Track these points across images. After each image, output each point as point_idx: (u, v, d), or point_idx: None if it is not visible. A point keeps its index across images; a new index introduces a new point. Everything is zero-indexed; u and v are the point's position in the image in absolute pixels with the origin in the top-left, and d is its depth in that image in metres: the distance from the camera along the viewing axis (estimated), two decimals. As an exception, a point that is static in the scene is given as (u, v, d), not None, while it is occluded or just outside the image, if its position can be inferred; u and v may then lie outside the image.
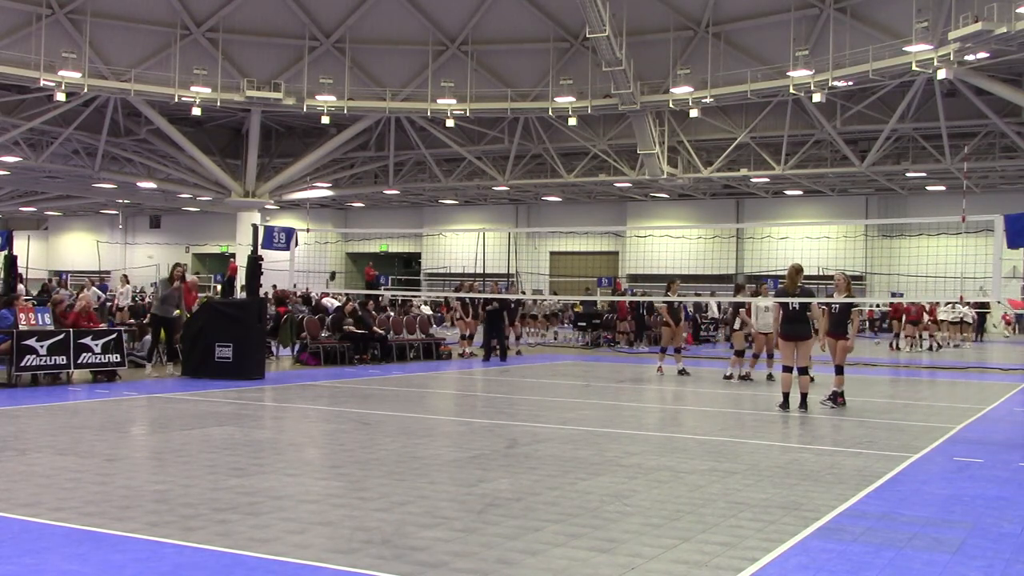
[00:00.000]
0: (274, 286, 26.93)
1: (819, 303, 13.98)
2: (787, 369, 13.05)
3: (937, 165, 41.92)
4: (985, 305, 38.26)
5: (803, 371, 12.73)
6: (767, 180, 47.05)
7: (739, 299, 18.35)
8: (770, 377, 17.40)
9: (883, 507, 6.99)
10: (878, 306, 42.01)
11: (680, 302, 18.65)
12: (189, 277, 17.96)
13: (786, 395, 12.88)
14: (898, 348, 31.25)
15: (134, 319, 21.14)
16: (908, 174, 44.44)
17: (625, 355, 25.83)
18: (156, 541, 5.61)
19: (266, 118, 47.97)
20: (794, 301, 12.85)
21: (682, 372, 18.52)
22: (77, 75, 40.18)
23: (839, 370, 13.27)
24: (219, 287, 43.01)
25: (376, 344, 20.67)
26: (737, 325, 18.20)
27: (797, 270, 13.01)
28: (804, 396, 12.66)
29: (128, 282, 27.50)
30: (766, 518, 6.54)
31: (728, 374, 17.66)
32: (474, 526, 6.13)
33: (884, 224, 49.50)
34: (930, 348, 31.89)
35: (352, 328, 20.23)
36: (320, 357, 19.45)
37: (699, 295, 36.07)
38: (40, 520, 6.05)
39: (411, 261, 65.80)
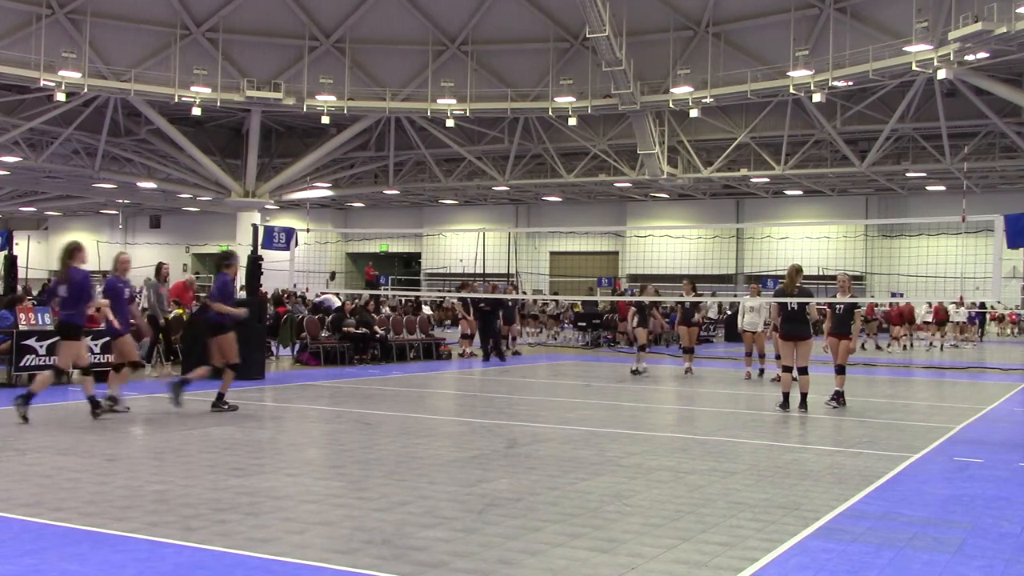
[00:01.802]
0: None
1: (818, 303, 14.05)
2: (787, 369, 13.10)
3: (937, 165, 41.93)
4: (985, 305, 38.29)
5: (803, 371, 12.76)
6: (767, 180, 47.03)
7: (640, 299, 19.48)
8: (762, 373, 17.76)
9: (883, 507, 6.99)
10: (876, 306, 42.04)
11: (690, 303, 18.96)
12: (186, 276, 17.94)
13: (786, 395, 12.91)
14: (878, 348, 31.16)
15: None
16: (908, 174, 44.44)
17: (625, 355, 25.80)
18: (156, 541, 5.61)
19: (266, 118, 47.97)
20: (793, 301, 12.89)
21: (687, 371, 18.63)
22: (77, 75, 40.17)
23: (841, 370, 13.32)
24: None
25: (376, 344, 20.67)
26: (633, 323, 19.10)
27: (797, 270, 13.09)
28: (804, 396, 12.69)
29: None
30: (766, 518, 6.54)
31: (635, 368, 18.59)
32: (474, 526, 6.13)
33: (884, 224, 49.51)
34: (930, 347, 31.88)
35: (352, 328, 20.23)
36: (320, 357, 19.45)
37: (699, 295, 36.02)
38: (40, 520, 6.04)
39: (411, 261, 65.78)
